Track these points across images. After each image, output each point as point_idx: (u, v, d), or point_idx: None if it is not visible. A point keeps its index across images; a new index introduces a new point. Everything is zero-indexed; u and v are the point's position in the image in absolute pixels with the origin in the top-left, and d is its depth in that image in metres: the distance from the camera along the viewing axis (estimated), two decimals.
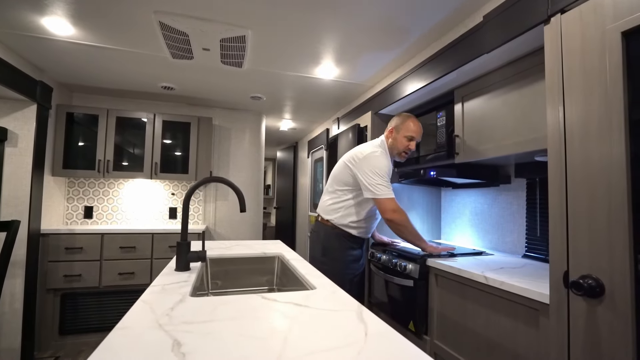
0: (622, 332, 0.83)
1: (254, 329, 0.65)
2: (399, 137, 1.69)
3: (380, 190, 1.59)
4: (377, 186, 1.59)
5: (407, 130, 1.68)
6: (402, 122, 1.70)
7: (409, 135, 1.68)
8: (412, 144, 1.69)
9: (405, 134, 1.68)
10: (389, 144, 1.74)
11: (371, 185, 1.60)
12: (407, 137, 1.68)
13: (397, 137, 1.70)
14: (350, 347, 0.57)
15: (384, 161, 1.65)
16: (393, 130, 1.72)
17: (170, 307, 0.76)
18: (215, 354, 0.54)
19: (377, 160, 1.64)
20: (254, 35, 1.81)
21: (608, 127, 0.88)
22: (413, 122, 1.71)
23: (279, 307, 0.78)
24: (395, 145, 1.71)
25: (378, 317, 0.72)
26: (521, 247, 1.78)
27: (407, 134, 1.68)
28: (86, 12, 1.61)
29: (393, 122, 1.76)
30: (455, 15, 1.56)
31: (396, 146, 1.70)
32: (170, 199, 3.15)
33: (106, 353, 0.54)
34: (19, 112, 2.26)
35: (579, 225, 0.94)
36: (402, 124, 1.70)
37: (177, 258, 1.15)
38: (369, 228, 1.79)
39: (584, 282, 0.90)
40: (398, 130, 1.70)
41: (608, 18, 0.90)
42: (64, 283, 2.43)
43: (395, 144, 1.70)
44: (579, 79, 0.96)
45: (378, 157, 1.65)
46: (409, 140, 1.68)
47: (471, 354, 1.36)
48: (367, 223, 1.76)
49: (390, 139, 1.73)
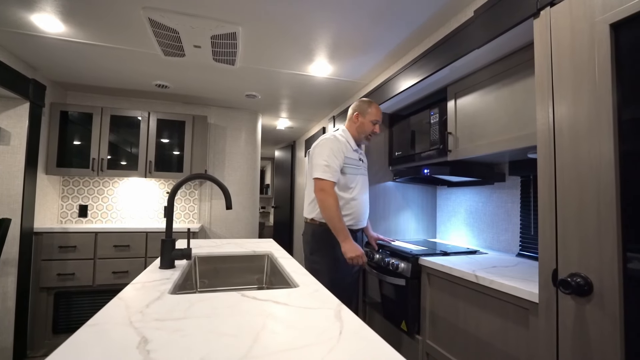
0: (611, 331, 0.81)
1: (226, 326, 0.63)
2: (366, 121, 1.78)
3: (319, 170, 1.63)
4: (318, 166, 1.64)
5: (372, 115, 1.77)
6: (367, 107, 1.79)
7: (374, 120, 1.77)
8: (377, 127, 1.79)
9: (371, 119, 1.77)
10: (356, 127, 1.80)
11: (315, 166, 1.65)
12: (373, 122, 1.77)
13: (363, 122, 1.78)
14: (322, 345, 0.56)
15: (333, 145, 1.67)
16: (359, 115, 1.79)
17: (145, 305, 0.75)
18: (180, 351, 0.53)
19: (325, 145, 1.68)
20: (244, 31, 1.79)
21: (597, 124, 0.86)
22: (376, 107, 1.80)
23: (257, 304, 0.77)
24: (363, 129, 1.78)
25: (356, 316, 0.71)
26: (516, 245, 1.76)
27: (372, 119, 1.77)
28: (75, 8, 1.60)
29: (357, 107, 1.82)
30: (446, 10, 1.54)
31: (364, 130, 1.78)
32: (165, 198, 3.13)
33: (70, 349, 0.53)
34: (11, 110, 2.25)
35: (568, 223, 0.92)
36: (368, 108, 1.79)
37: (161, 255, 1.14)
38: (352, 216, 1.72)
39: (572, 280, 0.88)
40: (364, 115, 1.78)
41: (597, 10, 0.88)
42: (57, 282, 2.42)
43: (363, 128, 1.78)
44: (569, 73, 0.94)
45: (327, 141, 1.70)
46: (374, 124, 1.77)
47: (463, 354, 1.34)
48: (348, 211, 1.71)
49: (358, 124, 1.79)
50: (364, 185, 1.80)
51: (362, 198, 1.76)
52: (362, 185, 1.78)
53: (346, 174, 1.69)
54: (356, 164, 1.76)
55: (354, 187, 1.72)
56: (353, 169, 1.73)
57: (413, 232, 2.38)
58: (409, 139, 2.11)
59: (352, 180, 1.72)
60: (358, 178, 1.75)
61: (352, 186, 1.72)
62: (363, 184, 1.79)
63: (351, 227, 1.70)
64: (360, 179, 1.76)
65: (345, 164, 1.69)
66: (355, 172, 1.74)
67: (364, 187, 1.79)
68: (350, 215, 1.71)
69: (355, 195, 1.72)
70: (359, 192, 1.74)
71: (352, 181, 1.72)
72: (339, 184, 1.68)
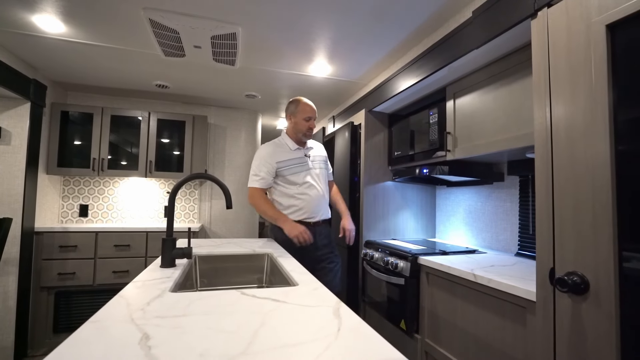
0: (607, 329, 0.82)
1: (225, 323, 0.64)
2: (298, 120, 1.82)
3: (249, 180, 1.83)
4: (250, 176, 1.83)
5: (304, 113, 1.82)
6: (295, 107, 1.84)
7: (306, 117, 1.81)
8: (311, 122, 1.83)
9: (302, 117, 1.81)
10: (290, 129, 1.87)
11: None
12: (305, 119, 1.81)
13: (296, 122, 1.83)
14: (320, 342, 0.57)
15: (262, 152, 1.83)
16: (291, 116, 1.85)
17: (146, 302, 0.76)
18: (181, 347, 0.54)
19: (256, 156, 1.85)
20: (244, 32, 1.80)
21: (593, 124, 0.87)
22: (304, 104, 1.84)
23: (256, 302, 0.78)
24: (298, 128, 1.83)
25: (355, 314, 0.71)
26: (514, 245, 1.77)
27: (304, 116, 1.81)
28: (76, 9, 1.61)
29: (288, 109, 1.88)
30: (445, 10, 1.55)
31: (299, 129, 1.83)
32: (165, 198, 3.14)
33: (74, 345, 0.54)
34: (12, 110, 2.26)
35: (564, 222, 0.93)
36: (297, 108, 1.83)
37: (162, 254, 1.15)
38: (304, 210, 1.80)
39: (569, 278, 0.88)
40: (295, 115, 1.83)
41: (593, 11, 0.88)
42: (58, 281, 2.43)
43: (298, 127, 1.83)
44: (565, 74, 0.95)
45: (258, 151, 1.86)
46: (307, 120, 1.82)
47: (461, 353, 1.35)
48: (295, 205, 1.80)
49: (291, 124, 1.86)
50: (316, 179, 1.86)
51: (313, 192, 1.82)
52: (312, 179, 1.84)
53: (285, 175, 1.80)
54: (299, 162, 1.83)
55: (300, 184, 1.80)
56: (296, 167, 1.82)
57: (412, 231, 2.39)
58: (409, 138, 2.12)
59: (297, 177, 1.81)
60: (303, 174, 1.82)
61: (298, 182, 1.80)
62: (314, 179, 1.85)
63: (307, 220, 1.80)
64: (306, 174, 1.83)
65: (283, 167, 1.80)
66: (299, 170, 1.82)
67: (315, 181, 1.85)
68: (300, 209, 1.80)
69: (303, 190, 1.81)
70: (308, 187, 1.81)
71: (296, 178, 1.81)
72: (282, 183, 1.82)
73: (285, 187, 1.82)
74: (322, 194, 1.86)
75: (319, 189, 1.84)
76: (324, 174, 1.92)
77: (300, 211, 1.80)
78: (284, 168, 1.80)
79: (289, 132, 1.89)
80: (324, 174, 1.92)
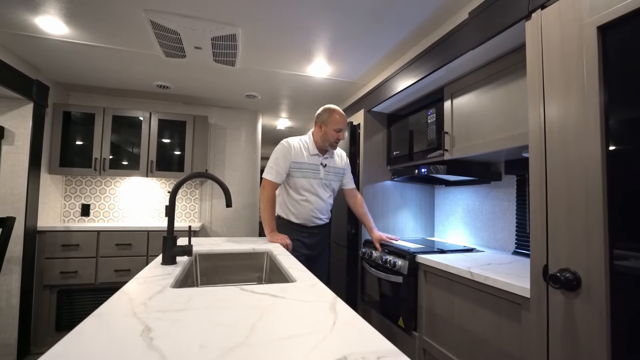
0: (598, 324, 0.83)
1: (224, 317, 0.66)
2: (329, 130, 1.84)
3: (265, 171, 1.84)
4: (266, 167, 1.84)
5: (335, 124, 1.84)
6: (328, 116, 1.85)
7: (337, 128, 1.84)
8: (341, 134, 1.86)
9: (334, 127, 1.83)
10: (320, 137, 1.88)
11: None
12: (336, 130, 1.84)
13: (327, 131, 1.85)
14: (315, 334, 0.59)
15: (284, 146, 1.84)
16: (322, 125, 1.87)
17: (148, 297, 0.78)
18: (181, 338, 0.56)
19: (276, 150, 1.86)
20: (244, 33, 1.82)
21: (585, 125, 0.88)
22: (338, 114, 1.86)
23: (255, 297, 0.80)
24: (326, 137, 1.85)
25: (351, 309, 0.73)
26: (512, 243, 1.78)
27: (335, 127, 1.84)
28: (78, 11, 1.63)
29: (320, 116, 1.89)
30: (442, 11, 1.57)
31: (327, 138, 1.85)
32: (166, 197, 3.17)
33: (77, 337, 0.56)
34: (15, 111, 2.29)
35: (558, 220, 0.95)
36: (329, 118, 1.85)
37: (163, 251, 1.17)
38: (303, 216, 1.86)
39: (562, 275, 0.90)
40: (326, 124, 1.85)
41: (585, 13, 0.90)
42: (60, 280, 2.45)
43: (326, 137, 1.85)
44: (559, 75, 0.97)
45: (278, 146, 1.86)
46: (337, 131, 1.84)
47: (458, 350, 1.37)
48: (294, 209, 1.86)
49: (321, 133, 1.87)
50: (323, 188, 1.88)
51: (317, 201, 1.86)
52: (318, 189, 1.86)
53: (294, 177, 1.83)
54: (312, 168, 1.85)
55: (306, 190, 1.84)
56: (308, 173, 1.84)
57: (411, 230, 2.41)
58: (407, 138, 2.14)
59: (305, 183, 1.83)
60: (311, 181, 1.84)
61: (306, 188, 1.84)
62: (322, 188, 1.87)
63: (305, 224, 1.88)
64: (314, 182, 1.85)
65: (295, 168, 1.82)
66: (312, 176, 1.84)
67: (321, 190, 1.87)
68: (299, 214, 1.86)
69: (307, 197, 1.84)
70: (313, 195, 1.85)
71: (304, 184, 1.83)
72: (290, 185, 1.85)
73: (290, 188, 1.86)
74: (324, 205, 1.90)
75: (323, 198, 1.88)
76: (334, 185, 1.95)
77: (295, 215, 1.86)
78: (296, 170, 1.83)
79: (315, 136, 1.90)
80: (335, 186, 1.96)
